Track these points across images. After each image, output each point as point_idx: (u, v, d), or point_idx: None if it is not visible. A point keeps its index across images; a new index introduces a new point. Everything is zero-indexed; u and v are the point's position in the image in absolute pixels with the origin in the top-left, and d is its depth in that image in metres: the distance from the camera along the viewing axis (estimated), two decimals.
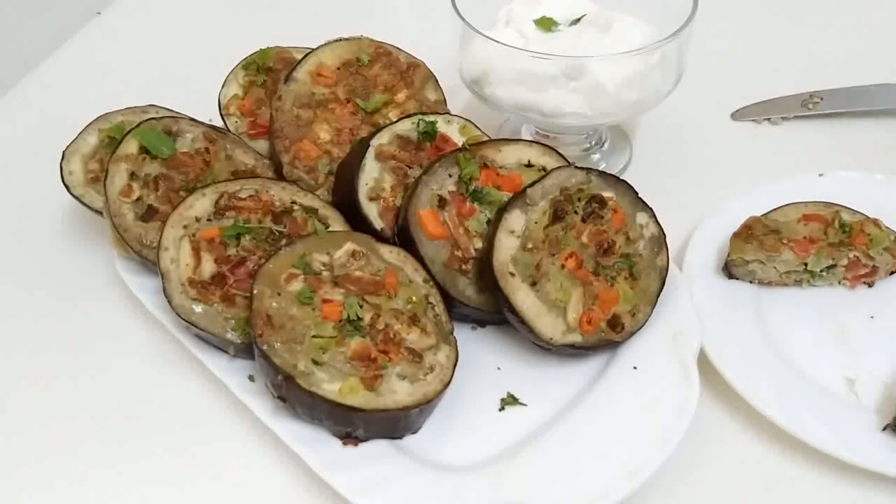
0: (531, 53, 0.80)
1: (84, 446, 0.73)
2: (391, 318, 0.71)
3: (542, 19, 0.87)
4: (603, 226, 0.75)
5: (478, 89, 0.88)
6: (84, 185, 0.85)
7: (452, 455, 0.70)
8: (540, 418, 0.72)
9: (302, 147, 0.84)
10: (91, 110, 0.88)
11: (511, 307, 0.72)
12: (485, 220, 0.77)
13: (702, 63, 0.94)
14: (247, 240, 0.76)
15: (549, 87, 0.83)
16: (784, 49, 1.14)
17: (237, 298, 0.73)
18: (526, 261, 0.73)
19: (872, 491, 0.67)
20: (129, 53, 1.19)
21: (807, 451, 0.68)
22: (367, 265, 0.73)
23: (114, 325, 0.82)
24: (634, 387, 0.72)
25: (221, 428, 0.73)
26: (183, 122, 0.84)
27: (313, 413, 0.68)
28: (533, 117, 0.86)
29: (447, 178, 0.77)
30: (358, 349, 0.69)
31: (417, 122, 0.82)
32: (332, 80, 0.88)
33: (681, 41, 0.83)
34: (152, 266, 0.77)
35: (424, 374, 0.70)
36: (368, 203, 0.78)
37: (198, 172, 0.81)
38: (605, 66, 0.81)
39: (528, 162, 0.80)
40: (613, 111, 0.85)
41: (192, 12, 1.27)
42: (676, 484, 0.68)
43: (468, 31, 0.84)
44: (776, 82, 1.07)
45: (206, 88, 0.93)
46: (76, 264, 0.88)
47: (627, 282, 0.75)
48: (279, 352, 0.67)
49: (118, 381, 0.78)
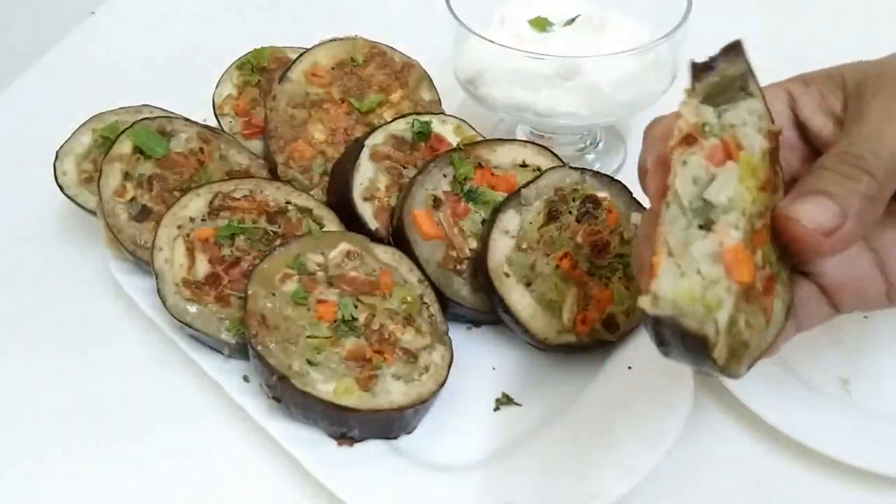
0: (526, 53, 0.80)
1: (77, 446, 0.73)
2: (386, 319, 0.71)
3: (537, 19, 0.88)
4: (597, 226, 0.75)
5: (472, 89, 0.88)
6: (78, 186, 0.85)
7: (447, 455, 0.70)
8: (535, 418, 0.72)
9: (296, 147, 0.84)
10: (85, 110, 0.88)
11: (506, 307, 0.72)
12: (479, 221, 0.77)
13: None
14: (241, 240, 0.76)
15: (543, 88, 0.83)
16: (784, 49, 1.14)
17: (232, 299, 0.73)
18: (521, 261, 0.73)
19: (866, 490, 0.67)
20: (122, 53, 1.18)
21: (800, 450, 0.68)
22: (362, 265, 0.73)
23: (108, 325, 0.82)
24: (629, 387, 0.72)
25: (216, 428, 0.73)
26: (177, 121, 0.84)
27: (308, 413, 0.68)
28: (527, 117, 0.86)
29: (442, 178, 0.77)
30: (353, 349, 0.69)
31: (412, 122, 0.82)
32: (327, 80, 0.88)
33: (675, 41, 0.83)
34: (146, 266, 0.77)
35: (419, 375, 0.70)
36: (363, 203, 0.78)
37: (192, 172, 0.81)
38: (599, 67, 0.81)
39: (523, 162, 0.80)
40: (608, 111, 0.85)
41: (187, 12, 1.27)
42: (671, 484, 0.68)
43: (463, 31, 0.84)
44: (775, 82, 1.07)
45: (200, 88, 0.92)
46: (70, 265, 0.88)
47: (622, 282, 0.75)
48: (274, 352, 0.67)
49: (112, 382, 0.77)
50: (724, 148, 0.46)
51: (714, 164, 0.46)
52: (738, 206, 0.45)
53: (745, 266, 0.45)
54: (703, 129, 0.46)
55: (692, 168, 0.45)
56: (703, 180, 0.46)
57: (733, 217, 0.45)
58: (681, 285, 0.43)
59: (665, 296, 0.43)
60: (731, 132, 0.47)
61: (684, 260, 0.44)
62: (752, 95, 0.49)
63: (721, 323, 0.44)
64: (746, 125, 0.48)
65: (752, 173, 0.47)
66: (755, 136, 0.48)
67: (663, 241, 0.44)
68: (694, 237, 0.44)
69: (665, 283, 0.43)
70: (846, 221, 0.47)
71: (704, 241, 0.44)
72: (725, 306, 0.44)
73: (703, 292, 0.43)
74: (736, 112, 0.48)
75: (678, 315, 0.43)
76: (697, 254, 0.44)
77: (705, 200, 0.45)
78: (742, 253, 0.45)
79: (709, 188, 0.45)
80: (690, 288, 0.43)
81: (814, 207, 0.47)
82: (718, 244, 0.44)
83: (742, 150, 0.47)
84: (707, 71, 0.48)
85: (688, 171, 0.45)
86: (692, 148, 0.46)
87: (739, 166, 0.46)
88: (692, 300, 0.43)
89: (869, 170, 0.47)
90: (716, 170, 0.45)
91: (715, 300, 0.44)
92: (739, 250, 0.45)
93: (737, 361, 0.46)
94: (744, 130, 0.48)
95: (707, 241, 0.44)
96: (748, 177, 0.46)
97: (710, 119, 0.47)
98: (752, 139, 0.48)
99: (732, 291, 0.44)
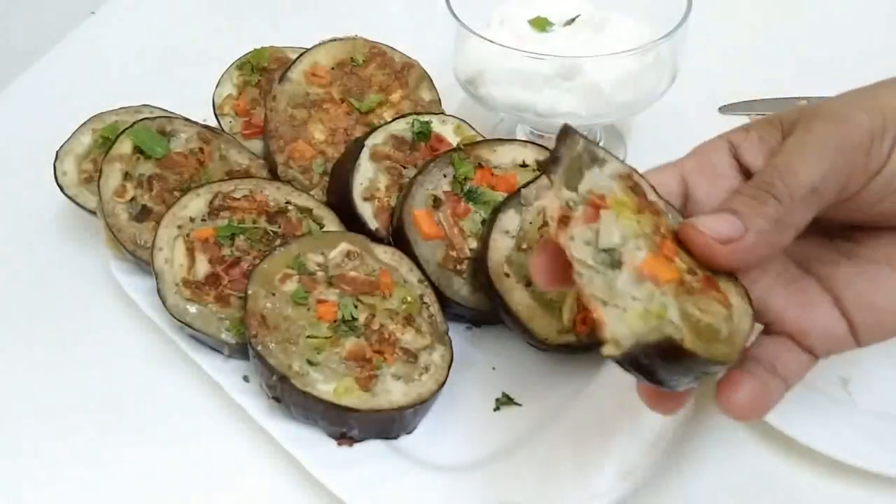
0: (526, 53, 0.80)
1: (77, 446, 0.73)
2: (386, 319, 0.71)
3: (537, 19, 0.88)
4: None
5: (472, 89, 0.88)
6: (78, 186, 0.85)
7: (447, 455, 0.70)
8: (535, 418, 0.72)
9: (296, 147, 0.84)
10: (85, 110, 0.88)
11: (506, 307, 0.72)
12: (479, 221, 0.77)
13: (697, 63, 0.94)
14: (241, 240, 0.76)
15: (543, 88, 0.83)
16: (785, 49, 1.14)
17: (232, 299, 0.73)
18: (521, 261, 0.73)
19: (866, 490, 0.67)
20: (123, 53, 1.18)
21: (800, 451, 0.68)
22: (362, 265, 0.73)
23: (107, 325, 0.82)
24: (629, 387, 0.71)
25: (216, 428, 0.73)
26: (177, 122, 0.84)
27: (308, 413, 0.68)
28: (527, 117, 0.86)
29: (442, 178, 0.77)
30: (353, 349, 0.69)
31: (412, 122, 0.82)
32: (327, 80, 0.88)
33: (675, 41, 0.83)
34: (146, 266, 0.77)
35: (419, 375, 0.70)
36: (363, 203, 0.78)
37: (192, 172, 0.81)
38: (599, 67, 0.81)
39: (523, 162, 0.80)
40: (608, 111, 0.85)
41: (187, 12, 1.27)
42: (670, 484, 0.68)
43: (463, 31, 0.84)
44: (776, 83, 1.07)
45: (200, 88, 0.93)
46: (70, 265, 0.88)
47: None
48: (274, 352, 0.67)
49: (112, 381, 0.77)
50: (591, 205, 0.50)
51: (592, 221, 0.50)
52: (630, 234, 0.49)
53: (664, 268, 0.48)
54: (569, 206, 0.50)
55: (579, 236, 0.49)
56: (593, 237, 0.49)
57: (632, 243, 0.49)
58: (628, 317, 0.47)
59: (621, 333, 0.46)
60: (591, 193, 0.51)
61: (618, 299, 0.47)
62: (604, 160, 0.53)
63: (675, 318, 0.47)
64: (601, 182, 0.52)
65: (625, 206, 0.50)
66: (611, 183, 0.52)
67: (594, 300, 0.47)
68: (613, 278, 0.48)
69: (614, 326, 0.46)
70: (746, 235, 0.49)
71: (623, 273, 0.48)
72: (670, 305, 0.47)
73: (646, 309, 0.47)
74: (589, 178, 0.52)
75: (641, 339, 0.46)
76: (623, 286, 0.47)
77: (604, 251, 0.49)
78: (655, 260, 0.48)
79: (600, 240, 0.49)
80: (635, 313, 0.47)
81: (716, 219, 0.51)
82: (633, 268, 0.48)
83: (605, 198, 0.51)
84: (555, 163, 0.51)
85: (578, 241, 0.49)
86: (570, 224, 0.50)
87: (611, 209, 0.50)
88: (644, 320, 0.46)
89: (776, 195, 0.50)
90: (595, 225, 0.49)
91: (659, 307, 0.47)
92: (651, 259, 0.48)
93: (728, 345, 0.49)
94: (600, 185, 0.52)
95: (624, 272, 0.48)
96: (624, 211, 0.50)
97: (571, 196, 0.51)
98: (609, 185, 0.52)
99: (668, 292, 0.47)
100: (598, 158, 0.52)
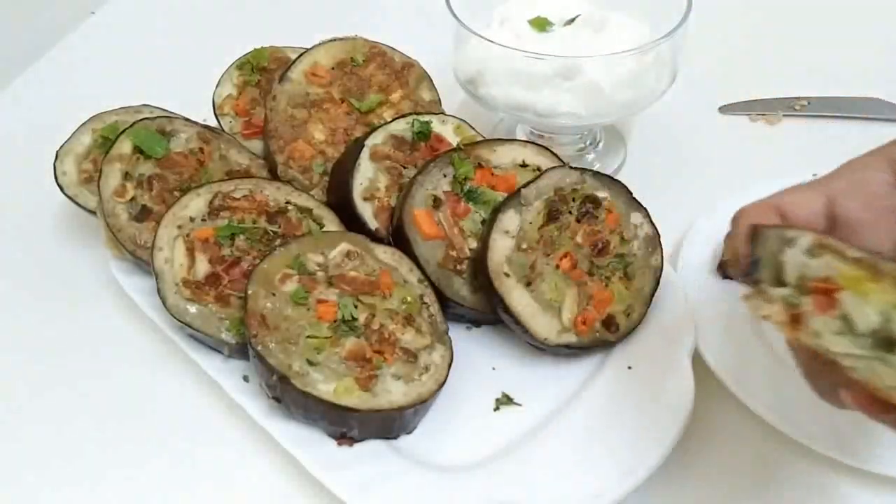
0: (526, 53, 0.80)
1: (76, 446, 0.73)
2: (386, 319, 0.71)
3: (537, 19, 0.87)
4: (597, 226, 0.75)
5: (472, 89, 0.88)
6: (78, 186, 0.85)
7: (447, 455, 0.70)
8: (535, 418, 0.72)
9: (296, 147, 0.84)
10: (85, 110, 0.88)
11: (506, 307, 0.72)
12: (479, 221, 0.77)
13: (697, 63, 0.95)
14: (241, 240, 0.76)
15: (543, 88, 0.83)
16: (785, 49, 1.14)
17: (232, 299, 0.73)
18: (521, 261, 0.73)
19: (866, 490, 0.67)
20: (122, 53, 1.18)
21: (801, 450, 0.68)
22: (362, 265, 0.73)
23: (107, 325, 0.82)
24: (629, 386, 0.72)
25: (216, 428, 0.73)
26: (177, 121, 0.84)
27: (308, 413, 0.68)
28: (527, 117, 0.86)
29: (442, 178, 0.77)
30: (353, 349, 0.69)
31: (412, 122, 0.81)
32: (327, 80, 0.88)
33: (675, 41, 0.83)
34: (146, 266, 0.77)
35: (419, 375, 0.70)
36: (363, 203, 0.78)
37: (192, 172, 0.81)
38: (599, 66, 0.81)
39: (523, 162, 0.80)
40: (608, 111, 0.85)
41: (187, 12, 1.27)
42: (671, 483, 0.68)
43: (462, 31, 0.84)
44: (776, 83, 1.07)
45: (200, 88, 0.92)
46: (70, 265, 0.88)
47: (622, 282, 0.75)
48: (274, 352, 0.67)
49: (111, 382, 0.77)
50: (819, 293, 0.45)
51: (828, 308, 0.44)
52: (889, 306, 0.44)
53: None
54: (791, 304, 0.45)
55: (825, 329, 0.44)
56: (841, 325, 0.44)
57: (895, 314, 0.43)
58: None
59: None
60: (806, 278, 0.45)
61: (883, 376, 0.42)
62: (793, 238, 0.47)
63: None
64: (801, 260, 0.47)
65: (858, 279, 0.45)
66: (822, 261, 0.46)
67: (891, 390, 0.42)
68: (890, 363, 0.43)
69: None
70: None
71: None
72: None
73: None
74: (792, 265, 0.46)
75: None
76: None
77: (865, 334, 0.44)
78: None
79: (856, 325, 0.44)
80: None
81: None
82: None
83: (829, 279, 0.45)
84: (755, 267, 0.47)
85: (826, 335, 0.44)
86: (804, 321, 0.45)
87: (847, 288, 0.44)
88: None
89: None
90: (836, 311, 0.44)
91: None
92: None
93: None
94: (812, 268, 0.46)
95: None
96: (862, 285, 0.44)
97: (785, 293, 0.46)
98: (825, 265, 0.46)
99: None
100: (788, 239, 0.47)
